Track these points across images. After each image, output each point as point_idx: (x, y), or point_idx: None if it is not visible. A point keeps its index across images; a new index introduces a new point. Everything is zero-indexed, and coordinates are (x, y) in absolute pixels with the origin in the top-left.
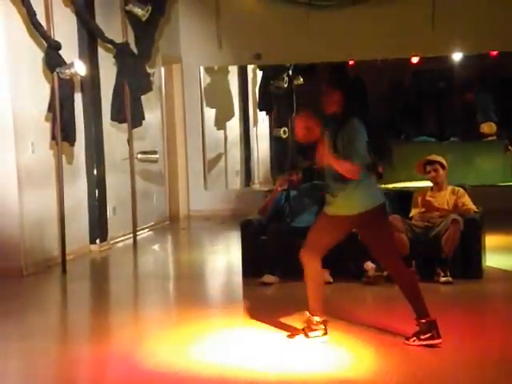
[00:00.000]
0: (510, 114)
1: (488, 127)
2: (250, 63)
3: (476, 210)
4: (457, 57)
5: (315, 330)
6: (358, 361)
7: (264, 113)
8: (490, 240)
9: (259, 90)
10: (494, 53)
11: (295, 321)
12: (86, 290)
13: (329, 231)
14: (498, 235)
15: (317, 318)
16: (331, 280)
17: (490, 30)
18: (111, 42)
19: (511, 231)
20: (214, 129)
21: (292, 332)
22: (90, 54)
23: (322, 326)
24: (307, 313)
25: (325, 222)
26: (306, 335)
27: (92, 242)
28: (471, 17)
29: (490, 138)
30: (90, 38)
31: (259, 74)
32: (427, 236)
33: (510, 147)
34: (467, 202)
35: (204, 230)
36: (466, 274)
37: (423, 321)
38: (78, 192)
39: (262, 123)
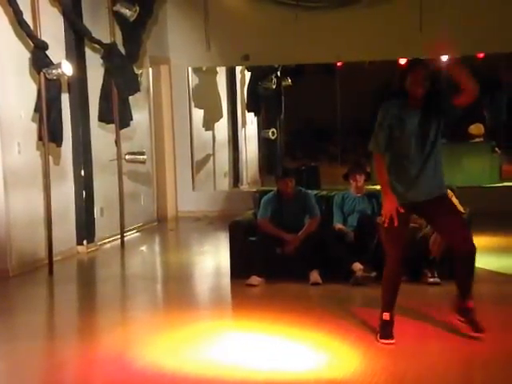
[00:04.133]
0: (496, 115)
1: (476, 129)
2: (239, 64)
3: (463, 211)
4: (444, 59)
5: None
6: (347, 361)
7: (252, 114)
8: (478, 241)
9: (247, 91)
10: (481, 55)
11: (283, 321)
12: (73, 291)
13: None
14: (485, 236)
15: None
16: (320, 281)
17: (477, 33)
18: (99, 42)
19: (498, 232)
20: (202, 130)
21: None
22: (77, 54)
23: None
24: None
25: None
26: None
27: (79, 243)
28: (458, 19)
29: (477, 140)
30: (78, 38)
31: (247, 75)
32: (415, 237)
33: (497, 149)
34: (455, 203)
35: (192, 231)
36: (454, 274)
37: (469, 302)
38: (65, 193)
39: (250, 124)
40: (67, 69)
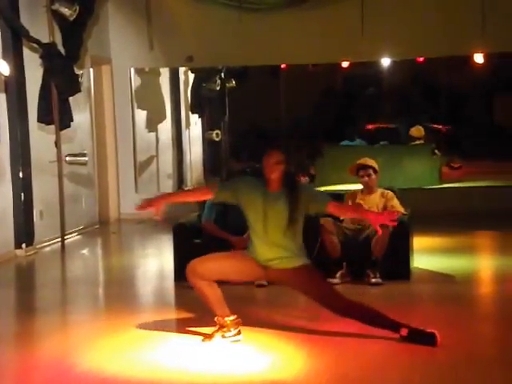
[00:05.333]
0: (436, 117)
1: (416, 131)
2: (182, 65)
3: (404, 212)
4: (385, 62)
5: (230, 329)
6: (290, 362)
7: (196, 115)
8: (418, 242)
9: (191, 92)
10: (421, 59)
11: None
12: (10, 296)
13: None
14: (425, 237)
15: (232, 317)
16: (265, 283)
17: (417, 37)
18: (37, 41)
19: (438, 233)
20: (145, 131)
21: (206, 335)
22: (14, 53)
23: (235, 327)
24: (218, 318)
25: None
26: (223, 336)
27: (17, 246)
28: (399, 23)
29: (418, 142)
30: (15, 37)
31: (191, 76)
32: (358, 238)
33: (436, 151)
34: (396, 204)
35: (135, 234)
36: (395, 275)
37: (406, 331)
38: (2, 195)
39: (194, 126)
40: (4, 68)
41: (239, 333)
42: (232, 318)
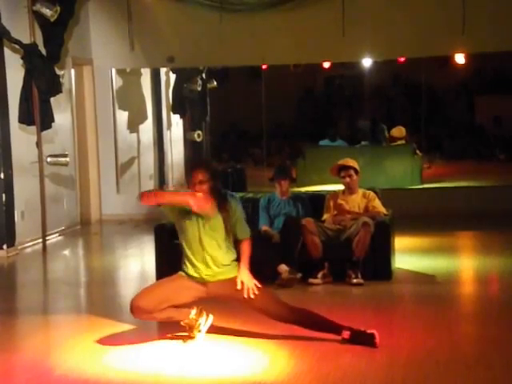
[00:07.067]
0: (418, 118)
1: (397, 131)
2: (163, 66)
3: (386, 212)
4: (366, 62)
5: (199, 322)
6: (272, 363)
7: (177, 116)
8: (399, 242)
9: (173, 93)
10: (402, 59)
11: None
12: None
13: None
14: (406, 237)
15: (193, 312)
16: None
17: (398, 37)
18: (18, 42)
19: (419, 233)
20: (126, 132)
21: (186, 336)
22: None
23: (201, 316)
24: (183, 322)
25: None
26: (199, 331)
27: None
28: (380, 24)
29: (399, 142)
30: None
31: (172, 76)
32: (339, 239)
33: (417, 151)
34: (377, 205)
35: (117, 235)
36: (376, 275)
37: (349, 334)
38: None
39: (175, 126)
40: None
41: (208, 316)
42: (193, 312)
